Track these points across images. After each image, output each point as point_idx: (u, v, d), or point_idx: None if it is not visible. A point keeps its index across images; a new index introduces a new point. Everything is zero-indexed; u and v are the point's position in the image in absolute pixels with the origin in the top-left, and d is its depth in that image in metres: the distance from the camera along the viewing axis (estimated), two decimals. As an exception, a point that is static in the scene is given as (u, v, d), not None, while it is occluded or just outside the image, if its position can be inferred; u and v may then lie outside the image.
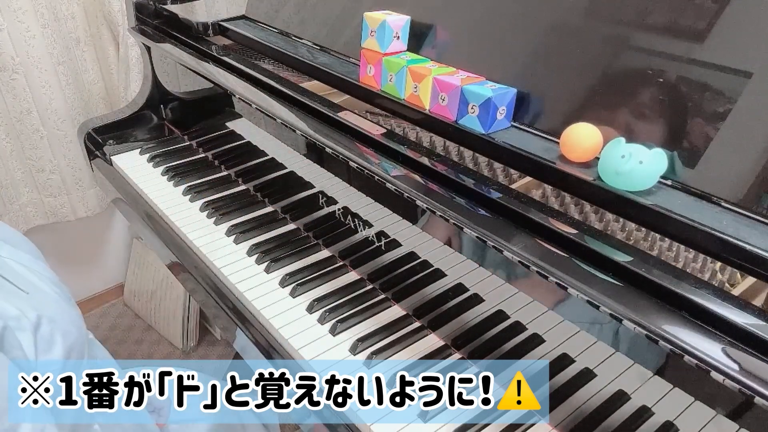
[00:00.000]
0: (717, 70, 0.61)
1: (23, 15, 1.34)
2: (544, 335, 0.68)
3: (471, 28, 0.82)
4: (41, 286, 0.60)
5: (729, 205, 0.57)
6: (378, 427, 0.68)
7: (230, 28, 1.13)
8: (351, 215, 0.90)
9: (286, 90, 0.91)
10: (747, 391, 0.45)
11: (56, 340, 0.56)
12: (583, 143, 0.64)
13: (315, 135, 0.83)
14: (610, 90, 0.68)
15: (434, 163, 0.71)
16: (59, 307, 0.61)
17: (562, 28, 0.74)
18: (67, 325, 0.59)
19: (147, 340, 1.84)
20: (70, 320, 0.61)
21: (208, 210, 1.06)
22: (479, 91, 0.70)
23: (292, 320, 0.83)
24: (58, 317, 0.58)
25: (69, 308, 0.62)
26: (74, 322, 0.62)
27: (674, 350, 0.49)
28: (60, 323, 0.58)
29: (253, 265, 0.94)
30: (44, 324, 0.55)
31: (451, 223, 0.67)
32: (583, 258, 0.56)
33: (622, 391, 0.61)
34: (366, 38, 0.84)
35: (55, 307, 0.60)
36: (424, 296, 0.82)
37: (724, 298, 0.49)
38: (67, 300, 0.64)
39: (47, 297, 0.60)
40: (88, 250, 1.85)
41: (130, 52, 1.46)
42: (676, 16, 0.64)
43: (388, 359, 0.77)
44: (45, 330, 0.55)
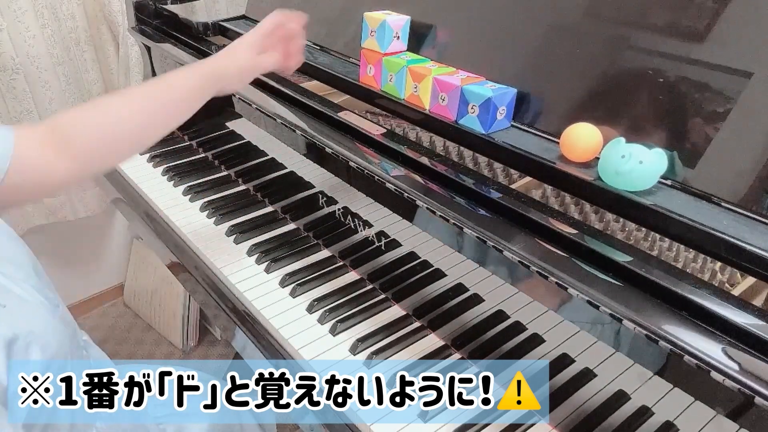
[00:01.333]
0: (717, 70, 0.61)
1: (23, 15, 1.34)
2: (544, 335, 0.68)
3: (471, 28, 0.82)
4: (24, 296, 0.59)
5: (729, 205, 0.57)
6: (378, 427, 0.68)
7: (230, 28, 1.13)
8: (351, 215, 0.90)
9: (286, 90, 0.91)
10: (747, 391, 0.45)
11: (32, 353, 0.55)
12: (583, 143, 0.64)
13: (315, 135, 0.83)
14: (610, 90, 0.68)
15: (434, 163, 0.71)
16: (40, 318, 0.59)
17: (562, 28, 0.74)
18: (47, 336, 0.58)
19: (147, 340, 1.84)
20: (51, 331, 0.60)
21: (208, 210, 1.06)
22: (479, 91, 0.70)
23: (292, 320, 0.83)
24: (37, 329, 0.57)
25: (51, 318, 0.60)
26: (56, 331, 0.60)
27: (674, 350, 0.49)
28: (39, 335, 0.57)
29: (253, 265, 0.94)
30: (20, 338, 0.54)
31: (451, 223, 0.67)
32: (583, 258, 0.56)
33: (622, 391, 0.61)
34: (366, 38, 0.84)
35: (34, 319, 0.58)
36: (424, 296, 0.82)
37: (724, 298, 0.49)
38: (52, 309, 0.62)
39: (27, 308, 0.59)
40: (88, 250, 1.85)
41: (130, 52, 1.46)
42: (676, 16, 0.64)
43: (388, 359, 0.77)
44: (20, 344, 0.54)
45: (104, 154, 0.71)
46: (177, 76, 0.74)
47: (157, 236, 1.07)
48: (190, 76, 0.75)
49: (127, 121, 0.70)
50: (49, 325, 0.60)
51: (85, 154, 0.68)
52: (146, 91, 0.74)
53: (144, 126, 0.72)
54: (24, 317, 0.57)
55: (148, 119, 0.72)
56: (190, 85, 0.74)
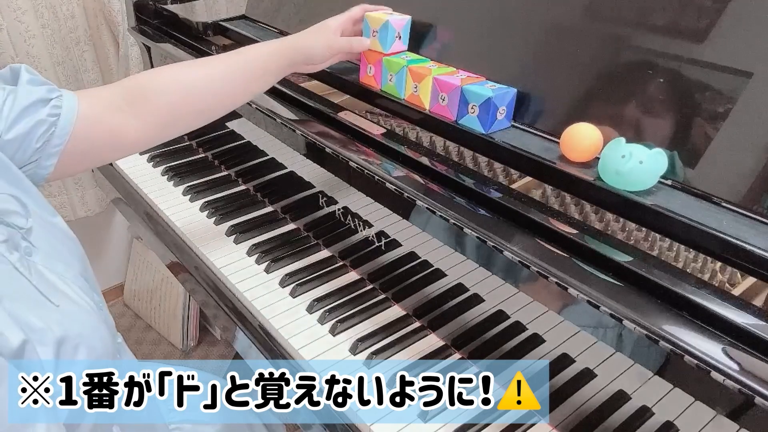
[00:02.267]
0: (717, 70, 0.61)
1: (23, 15, 1.34)
2: (544, 335, 0.68)
3: (471, 28, 0.82)
4: (74, 298, 0.58)
5: (729, 205, 0.57)
6: (378, 427, 0.68)
7: (230, 28, 1.13)
8: (351, 215, 0.90)
9: (286, 90, 0.91)
10: (747, 391, 0.45)
11: (79, 354, 0.54)
12: (583, 143, 0.64)
13: (315, 135, 0.83)
14: (610, 90, 0.68)
15: (434, 163, 0.71)
16: (89, 321, 0.59)
17: (562, 28, 0.74)
18: (94, 340, 0.57)
19: (147, 340, 1.84)
20: (99, 336, 0.59)
21: (208, 210, 1.06)
22: (479, 91, 0.70)
23: (292, 320, 0.83)
24: (86, 332, 0.57)
25: (98, 323, 0.60)
26: (102, 337, 0.60)
27: (674, 350, 0.49)
28: (87, 338, 0.56)
29: (253, 265, 0.94)
30: (70, 339, 0.53)
31: (451, 223, 0.67)
32: (583, 258, 0.56)
33: (622, 391, 0.61)
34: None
35: (83, 321, 0.58)
36: (424, 296, 0.82)
37: (724, 298, 0.49)
38: (98, 312, 0.62)
39: (78, 309, 0.58)
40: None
41: (130, 52, 1.46)
42: (676, 16, 0.64)
43: (388, 359, 0.77)
44: (69, 345, 0.53)
45: (177, 116, 0.73)
46: (260, 51, 0.76)
47: (157, 236, 1.07)
48: (274, 51, 0.77)
49: (207, 85, 0.72)
50: (96, 328, 0.59)
51: (158, 114, 0.70)
52: (229, 62, 0.75)
53: (222, 95, 0.74)
54: (75, 319, 0.56)
55: (228, 88, 0.74)
56: (272, 61, 0.76)
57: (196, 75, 0.74)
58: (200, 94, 0.73)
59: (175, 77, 0.72)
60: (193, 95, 0.73)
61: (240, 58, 0.76)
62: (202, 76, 0.74)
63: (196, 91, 0.73)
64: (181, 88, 0.72)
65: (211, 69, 0.75)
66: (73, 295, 0.58)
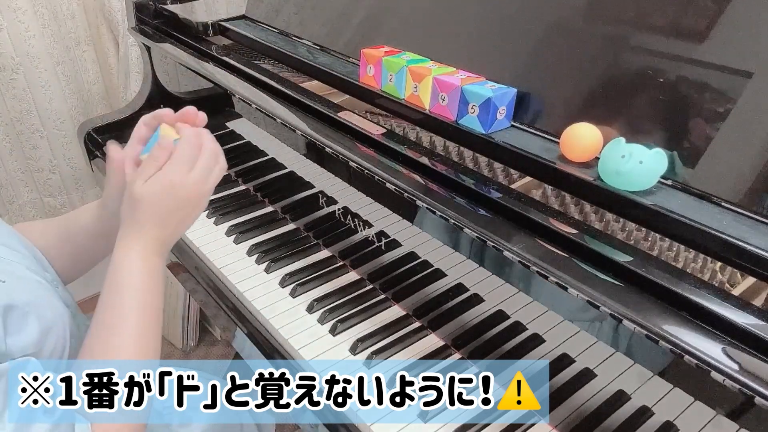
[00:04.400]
0: (717, 70, 0.61)
1: (23, 15, 1.34)
2: (544, 335, 0.68)
3: (471, 28, 0.82)
4: (20, 274, 0.63)
5: (729, 205, 0.57)
6: (378, 427, 0.68)
7: (230, 28, 1.13)
8: (351, 215, 0.90)
9: (286, 90, 0.91)
10: (747, 391, 0.45)
11: (29, 322, 0.58)
12: (583, 143, 0.64)
13: (315, 135, 0.83)
14: (610, 90, 0.68)
15: (434, 163, 0.71)
16: (37, 292, 0.63)
17: (562, 28, 0.74)
18: (43, 309, 0.61)
19: (147, 340, 1.84)
20: (49, 305, 0.63)
21: (208, 210, 1.06)
22: (479, 91, 0.70)
23: (292, 320, 0.83)
24: (35, 301, 0.60)
25: (48, 295, 0.64)
26: (53, 306, 0.63)
27: (674, 350, 0.49)
28: (36, 307, 0.60)
29: (253, 265, 0.94)
30: (18, 307, 0.57)
31: (451, 223, 0.67)
32: (583, 258, 0.56)
33: (622, 391, 0.61)
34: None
35: (31, 291, 0.62)
36: (424, 296, 0.82)
37: (724, 298, 0.49)
38: (50, 287, 0.66)
39: (25, 283, 0.63)
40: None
41: (130, 52, 1.46)
42: (676, 16, 0.64)
43: (388, 359, 0.77)
44: (18, 312, 0.57)
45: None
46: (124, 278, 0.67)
47: (157, 236, 1.07)
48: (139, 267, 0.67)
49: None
50: (45, 298, 0.63)
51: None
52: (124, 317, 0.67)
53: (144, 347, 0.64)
54: (23, 290, 0.61)
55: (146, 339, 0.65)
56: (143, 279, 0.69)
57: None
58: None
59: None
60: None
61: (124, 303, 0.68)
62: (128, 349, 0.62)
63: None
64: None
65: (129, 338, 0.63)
66: (20, 273, 0.63)
